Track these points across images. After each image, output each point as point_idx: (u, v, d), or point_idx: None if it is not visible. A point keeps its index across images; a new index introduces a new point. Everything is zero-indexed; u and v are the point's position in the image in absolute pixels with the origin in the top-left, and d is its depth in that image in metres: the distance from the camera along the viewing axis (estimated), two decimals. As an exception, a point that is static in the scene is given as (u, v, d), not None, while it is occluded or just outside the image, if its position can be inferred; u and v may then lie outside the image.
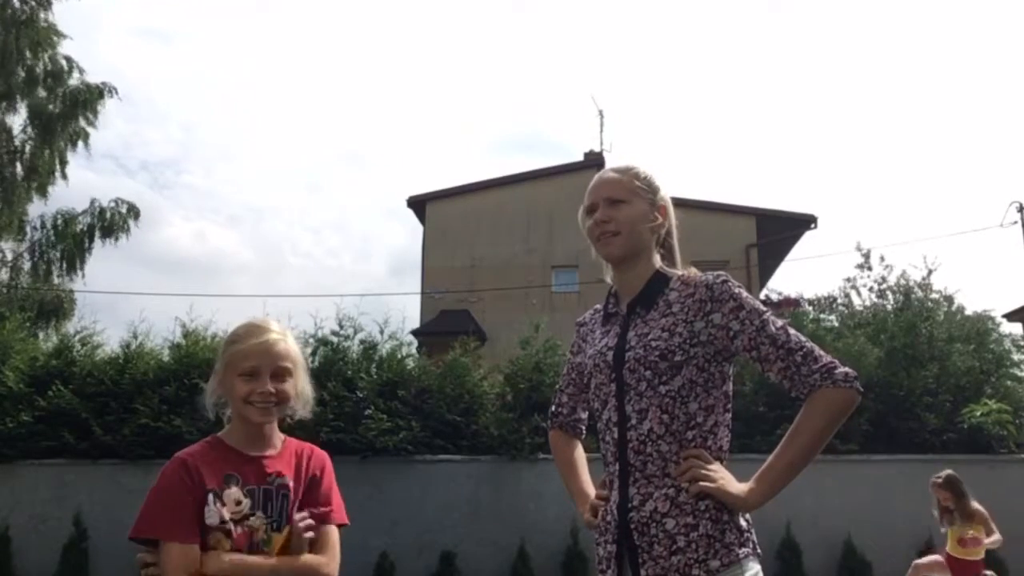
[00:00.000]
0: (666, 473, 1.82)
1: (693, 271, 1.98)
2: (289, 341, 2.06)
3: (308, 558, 1.95)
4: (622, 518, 1.86)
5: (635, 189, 2.00)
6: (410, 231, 50.18)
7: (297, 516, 1.98)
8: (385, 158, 52.00)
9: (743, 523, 1.83)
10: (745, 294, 1.89)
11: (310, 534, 1.97)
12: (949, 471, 6.63)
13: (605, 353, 1.96)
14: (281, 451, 2.05)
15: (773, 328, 1.84)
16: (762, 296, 21.40)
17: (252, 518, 1.93)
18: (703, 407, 1.85)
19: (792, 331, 1.85)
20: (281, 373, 2.01)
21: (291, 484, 2.00)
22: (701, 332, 1.86)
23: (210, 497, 1.90)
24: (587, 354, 2.06)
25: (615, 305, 2.05)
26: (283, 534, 1.96)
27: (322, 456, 2.13)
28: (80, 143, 18.17)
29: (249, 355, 1.98)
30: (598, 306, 2.14)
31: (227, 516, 1.90)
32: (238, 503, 1.92)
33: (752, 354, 1.85)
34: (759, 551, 1.85)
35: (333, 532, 2.03)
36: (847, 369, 1.82)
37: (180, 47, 51.26)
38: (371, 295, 33.45)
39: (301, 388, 2.06)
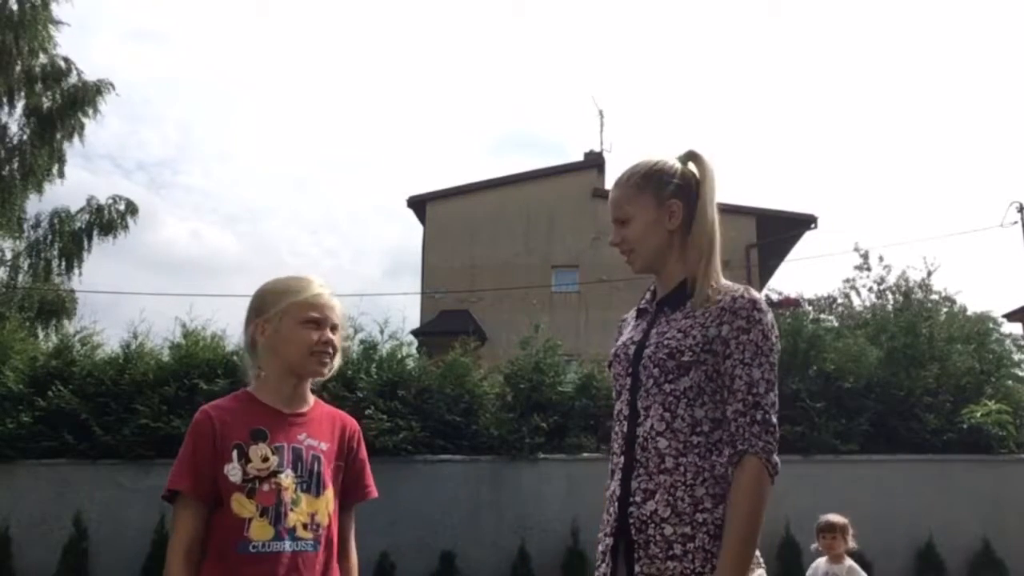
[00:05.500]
0: (661, 470, 1.81)
1: (724, 283, 1.91)
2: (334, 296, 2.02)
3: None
4: (622, 511, 1.85)
5: (637, 200, 1.94)
6: (408, 231, 50.21)
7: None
8: (384, 158, 52.03)
9: None
10: (763, 326, 1.82)
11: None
12: None
13: (628, 346, 1.96)
14: (313, 411, 1.98)
15: (759, 373, 1.79)
16: (762, 296, 21.38)
17: (280, 475, 1.84)
18: (710, 418, 1.82)
19: (773, 393, 1.80)
20: (335, 327, 1.96)
21: (324, 448, 1.93)
22: (714, 340, 1.83)
23: (234, 453, 1.82)
24: (615, 344, 2.05)
25: (648, 301, 2.04)
26: (317, 498, 1.89)
27: (355, 425, 2.08)
28: (76, 137, 18.13)
29: (314, 305, 1.92)
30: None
31: (252, 473, 1.82)
32: (265, 459, 1.83)
33: (725, 380, 1.81)
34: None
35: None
36: (776, 459, 1.77)
37: (176, 48, 51.24)
38: (371, 295, 33.46)
39: (341, 347, 2.02)
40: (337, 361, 2.00)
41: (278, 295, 1.95)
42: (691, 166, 1.99)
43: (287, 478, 1.85)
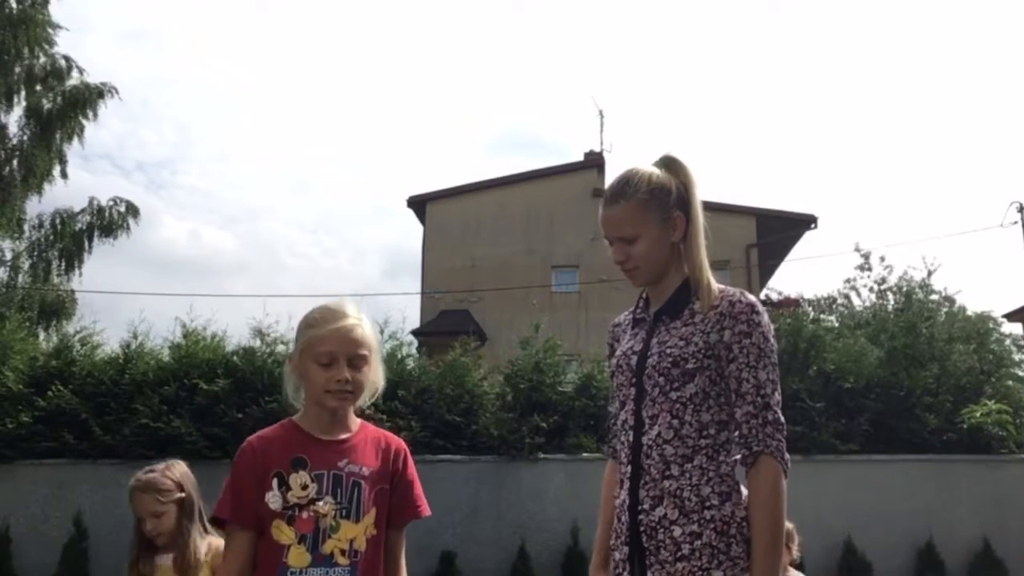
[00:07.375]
0: (666, 475, 1.84)
1: (717, 287, 1.93)
2: (366, 327, 1.97)
3: None
4: (632, 520, 1.88)
5: (643, 218, 1.92)
6: (406, 231, 50.22)
7: None
8: (383, 159, 52.05)
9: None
10: (762, 328, 1.85)
11: None
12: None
13: (629, 356, 1.98)
14: (356, 436, 2.00)
15: (764, 375, 1.83)
16: (762, 296, 21.40)
17: (319, 503, 1.87)
18: (716, 420, 1.86)
19: (778, 392, 1.85)
20: (358, 361, 1.93)
21: (366, 473, 1.95)
22: (716, 345, 1.85)
23: (274, 481, 1.86)
24: (615, 354, 2.07)
25: (643, 310, 2.05)
26: (357, 524, 1.90)
27: (400, 446, 2.09)
28: (76, 138, 18.09)
29: (326, 341, 1.90)
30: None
31: (292, 500, 1.86)
32: (304, 487, 1.87)
33: (731, 384, 1.85)
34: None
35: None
36: (788, 456, 1.83)
37: (174, 48, 51.29)
38: (371, 295, 33.44)
39: (375, 377, 2.01)
40: (373, 390, 2.03)
41: (301, 330, 1.97)
42: (672, 172, 1.98)
43: (326, 505, 1.88)
